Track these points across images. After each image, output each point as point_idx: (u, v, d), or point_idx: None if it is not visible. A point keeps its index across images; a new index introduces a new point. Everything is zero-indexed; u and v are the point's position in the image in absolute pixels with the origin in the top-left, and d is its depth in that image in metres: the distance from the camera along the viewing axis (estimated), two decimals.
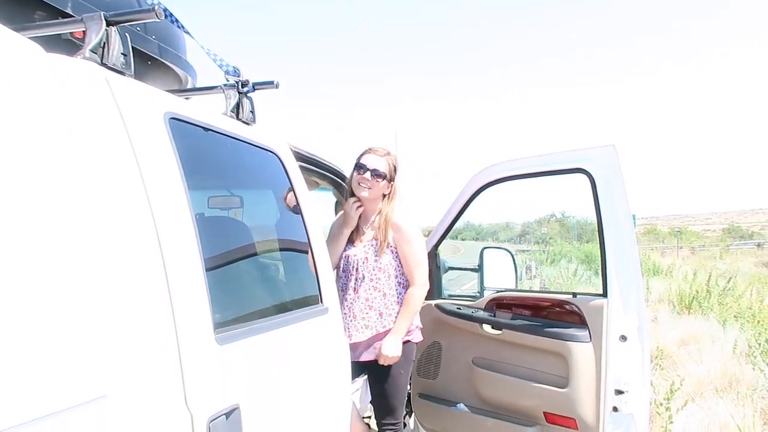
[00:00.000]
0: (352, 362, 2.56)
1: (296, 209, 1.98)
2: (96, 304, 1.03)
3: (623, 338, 2.49)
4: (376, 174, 2.61)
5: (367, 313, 2.58)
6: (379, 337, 2.58)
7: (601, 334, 2.54)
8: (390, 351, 2.53)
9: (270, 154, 1.93)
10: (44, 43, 1.54)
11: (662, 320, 8.75)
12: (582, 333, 2.60)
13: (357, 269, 2.63)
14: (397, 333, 2.57)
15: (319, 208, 2.53)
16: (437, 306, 3.17)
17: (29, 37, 1.38)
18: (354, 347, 2.57)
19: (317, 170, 2.88)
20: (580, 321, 2.64)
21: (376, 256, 2.61)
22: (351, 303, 2.62)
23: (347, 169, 3.11)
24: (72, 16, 1.57)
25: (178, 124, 1.44)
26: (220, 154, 1.74)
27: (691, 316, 9.02)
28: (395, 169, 2.71)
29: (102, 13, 1.34)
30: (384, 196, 2.69)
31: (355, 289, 2.62)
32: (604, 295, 2.56)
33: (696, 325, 7.94)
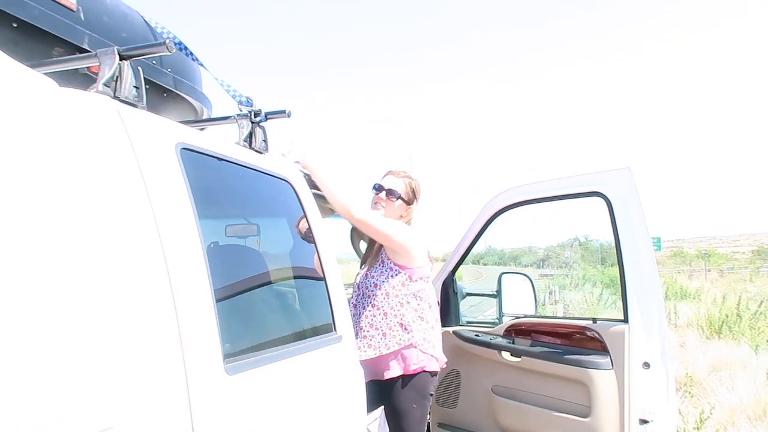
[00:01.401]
0: (368, 383, 2.50)
1: (310, 237, 1.99)
2: (102, 333, 1.03)
3: (646, 365, 2.42)
4: (391, 193, 2.60)
5: (368, 332, 2.49)
6: (384, 358, 2.50)
7: (623, 361, 2.47)
8: (303, 155, 2.30)
9: (283, 182, 1.95)
10: (64, 77, 1.59)
11: (691, 345, 8.52)
12: (603, 360, 2.54)
13: (359, 286, 2.60)
14: (320, 171, 2.32)
15: (333, 235, 2.51)
16: (455, 333, 3.13)
17: (47, 72, 1.43)
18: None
19: None
20: (601, 348, 2.58)
21: (374, 272, 2.56)
22: (355, 321, 2.55)
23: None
24: (89, 52, 1.62)
25: (189, 154, 1.46)
26: (232, 183, 1.75)
27: (722, 341, 8.77)
28: (414, 193, 2.67)
29: (115, 47, 1.37)
30: (401, 218, 2.66)
31: (355, 305, 2.58)
32: (625, 320, 2.50)
33: (727, 350, 7.71)
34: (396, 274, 2.53)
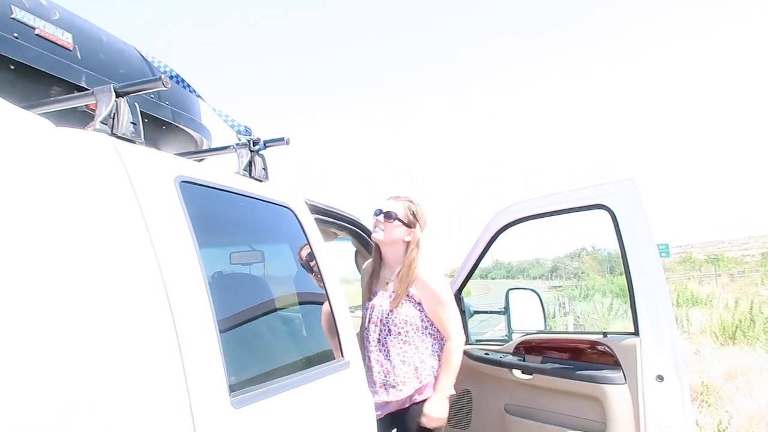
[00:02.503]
0: (386, 415, 2.48)
1: (313, 263, 1.98)
2: (102, 369, 1.02)
3: (660, 378, 2.38)
4: (388, 216, 2.58)
5: (401, 369, 2.47)
6: (417, 391, 2.50)
7: (636, 374, 2.43)
8: (436, 412, 2.42)
9: (284, 209, 1.94)
10: (64, 115, 1.61)
11: (705, 353, 8.40)
12: (616, 375, 2.50)
13: (382, 321, 2.54)
14: (442, 392, 2.45)
15: (337, 258, 2.50)
16: (465, 352, 3.08)
17: (45, 112, 1.44)
18: (387, 404, 2.49)
19: (335, 221, 2.88)
20: (613, 362, 2.55)
21: (403, 308, 2.52)
22: (381, 358, 2.51)
23: (365, 218, 3.12)
24: (87, 89, 1.63)
25: (189, 186, 1.45)
26: (233, 213, 1.75)
27: (736, 347, 8.66)
28: (415, 215, 2.62)
29: (111, 85, 1.38)
30: (407, 244, 2.62)
31: (381, 341, 2.52)
32: (636, 333, 2.46)
33: (742, 356, 7.61)
34: (421, 308, 2.56)
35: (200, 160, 2.15)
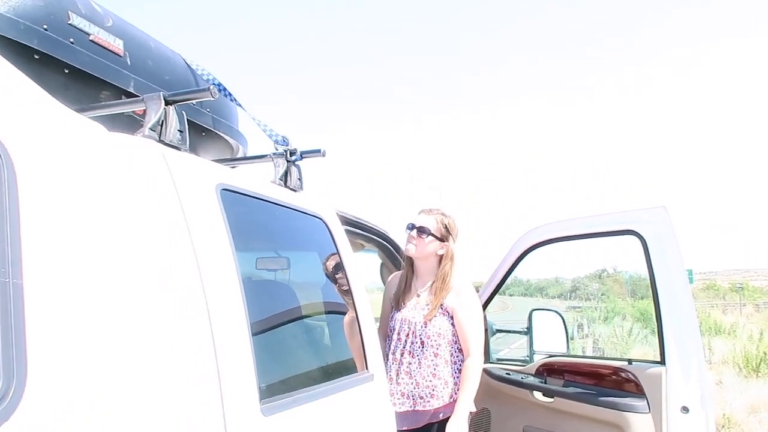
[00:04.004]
0: (410, 430, 2.47)
1: (341, 274, 1.99)
2: (139, 372, 1.04)
3: (685, 409, 2.35)
4: (421, 230, 2.58)
5: (431, 381, 2.46)
6: (448, 407, 2.48)
7: (661, 404, 2.40)
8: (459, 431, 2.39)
9: (316, 219, 1.97)
10: (108, 119, 1.66)
11: (728, 384, 8.23)
12: (640, 403, 2.47)
13: (414, 333, 2.52)
14: (462, 413, 2.41)
15: (364, 269, 2.51)
16: (486, 371, 3.07)
17: (96, 116, 1.49)
18: (414, 415, 2.49)
19: (362, 233, 2.90)
20: (637, 390, 2.51)
21: (437, 320, 2.52)
22: (411, 369, 2.50)
23: (392, 231, 3.13)
24: (134, 94, 1.68)
25: (228, 194, 1.49)
26: (268, 221, 1.78)
27: (760, 379, 8.47)
28: (448, 229, 2.63)
29: (161, 93, 1.42)
30: (440, 258, 2.63)
31: (413, 353, 2.51)
32: (662, 362, 2.43)
33: (766, 390, 7.42)
34: (452, 321, 2.55)
35: (233, 167, 2.19)
